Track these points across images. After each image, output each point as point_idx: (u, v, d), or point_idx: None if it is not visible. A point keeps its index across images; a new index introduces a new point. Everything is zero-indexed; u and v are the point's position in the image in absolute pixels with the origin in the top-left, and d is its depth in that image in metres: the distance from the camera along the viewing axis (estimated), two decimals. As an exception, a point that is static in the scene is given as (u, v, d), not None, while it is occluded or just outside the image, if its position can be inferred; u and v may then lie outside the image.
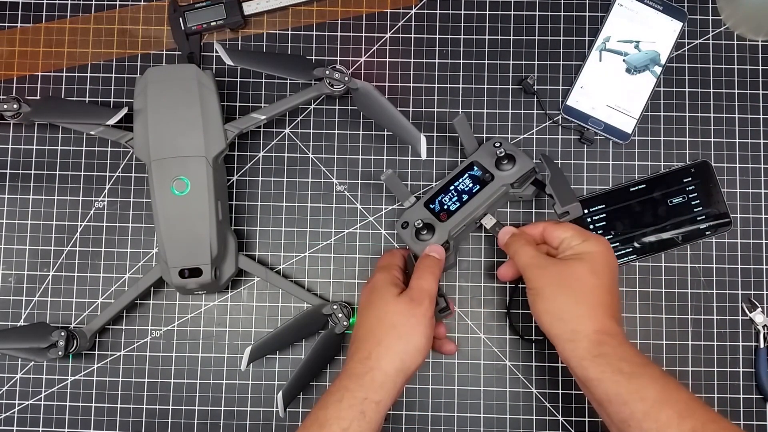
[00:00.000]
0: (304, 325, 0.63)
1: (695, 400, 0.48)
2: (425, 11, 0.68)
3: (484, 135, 0.66)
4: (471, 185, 0.62)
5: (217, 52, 0.67)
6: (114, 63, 0.68)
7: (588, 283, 0.52)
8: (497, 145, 0.61)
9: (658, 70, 0.66)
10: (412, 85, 0.67)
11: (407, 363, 0.53)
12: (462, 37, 0.68)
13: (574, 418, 0.63)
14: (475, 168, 0.62)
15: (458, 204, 0.62)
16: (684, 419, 0.46)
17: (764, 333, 0.64)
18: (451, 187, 0.62)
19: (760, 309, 0.64)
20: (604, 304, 0.52)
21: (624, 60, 0.66)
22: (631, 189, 0.65)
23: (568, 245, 0.55)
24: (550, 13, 0.68)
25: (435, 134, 0.67)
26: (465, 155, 0.64)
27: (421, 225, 0.60)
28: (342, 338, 0.63)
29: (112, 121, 0.59)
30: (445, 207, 0.62)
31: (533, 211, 0.66)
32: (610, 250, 0.55)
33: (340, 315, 0.62)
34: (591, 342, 0.50)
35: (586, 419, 0.63)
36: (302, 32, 0.68)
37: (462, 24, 0.68)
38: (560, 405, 0.64)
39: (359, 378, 0.52)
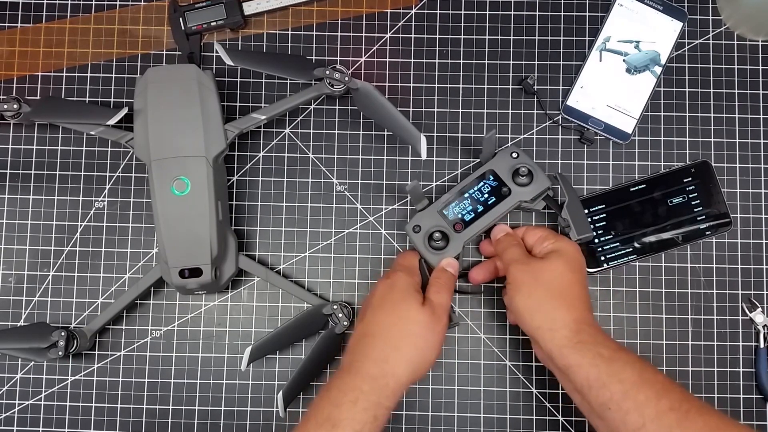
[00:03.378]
0: (304, 325, 0.63)
1: (671, 382, 0.50)
2: (425, 11, 0.68)
3: (483, 134, 0.66)
4: (487, 196, 0.62)
5: (217, 52, 0.67)
6: (114, 63, 0.68)
7: (566, 278, 0.55)
8: (515, 155, 0.61)
9: (658, 70, 0.66)
10: (412, 85, 0.67)
11: (417, 374, 0.54)
12: (462, 37, 0.68)
13: (574, 418, 0.63)
14: (491, 177, 0.62)
15: (473, 215, 0.62)
16: (661, 398, 0.48)
17: (764, 333, 0.64)
18: (466, 195, 0.62)
19: (760, 309, 0.64)
20: (581, 298, 0.55)
21: (624, 60, 0.66)
22: (631, 189, 0.65)
23: (542, 244, 0.58)
24: (550, 13, 0.68)
25: (435, 134, 0.67)
26: (478, 156, 0.64)
27: (440, 237, 0.60)
28: (342, 338, 0.63)
29: (112, 121, 0.59)
30: (460, 216, 0.62)
31: (533, 212, 0.66)
32: (581, 252, 0.58)
33: (340, 315, 0.62)
34: (571, 330, 0.52)
35: (586, 419, 0.63)
36: (302, 32, 0.68)
37: (462, 24, 0.68)
38: (560, 405, 0.64)
39: (375, 381, 0.52)
